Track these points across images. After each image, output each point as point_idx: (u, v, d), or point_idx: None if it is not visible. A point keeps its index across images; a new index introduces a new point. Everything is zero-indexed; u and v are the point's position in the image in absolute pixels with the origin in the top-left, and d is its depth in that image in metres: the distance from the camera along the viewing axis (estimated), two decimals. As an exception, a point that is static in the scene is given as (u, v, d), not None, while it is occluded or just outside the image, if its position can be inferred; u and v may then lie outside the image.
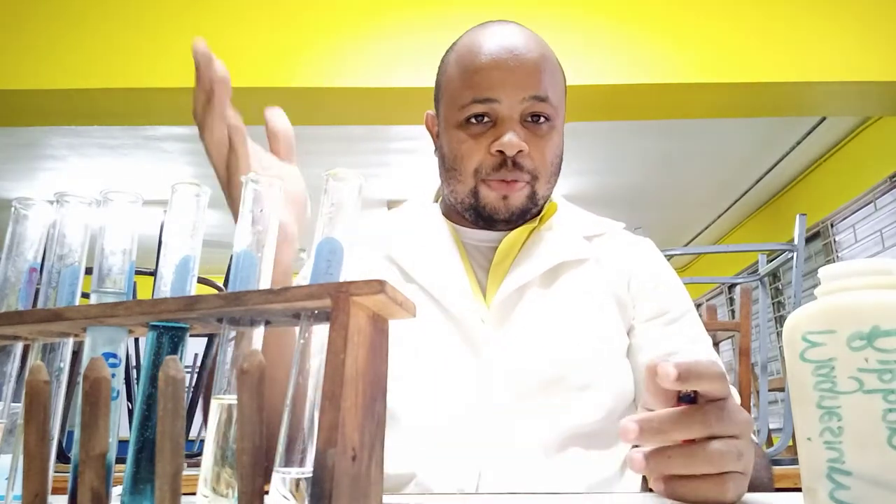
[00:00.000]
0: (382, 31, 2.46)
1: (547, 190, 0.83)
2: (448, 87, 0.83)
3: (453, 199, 0.84)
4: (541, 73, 0.79)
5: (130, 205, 0.40)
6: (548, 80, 0.80)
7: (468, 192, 0.81)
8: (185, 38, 2.56)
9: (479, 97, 0.78)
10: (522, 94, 0.78)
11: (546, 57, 0.81)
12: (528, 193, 0.81)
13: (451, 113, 0.82)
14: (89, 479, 0.32)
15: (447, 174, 0.84)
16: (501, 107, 0.78)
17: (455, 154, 0.81)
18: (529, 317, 0.78)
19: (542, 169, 0.80)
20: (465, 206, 0.83)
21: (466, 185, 0.81)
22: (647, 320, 0.81)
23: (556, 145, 0.82)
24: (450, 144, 0.82)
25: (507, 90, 0.78)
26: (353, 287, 0.32)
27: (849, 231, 3.79)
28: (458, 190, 0.83)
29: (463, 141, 0.80)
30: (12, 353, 0.42)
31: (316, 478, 0.30)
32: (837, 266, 0.40)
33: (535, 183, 0.81)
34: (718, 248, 4.91)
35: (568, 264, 0.82)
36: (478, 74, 0.79)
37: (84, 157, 4.00)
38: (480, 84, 0.78)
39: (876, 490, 0.36)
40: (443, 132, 0.84)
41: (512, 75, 0.78)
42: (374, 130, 3.55)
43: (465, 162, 0.80)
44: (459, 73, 0.81)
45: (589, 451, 0.72)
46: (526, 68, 0.78)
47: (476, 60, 0.80)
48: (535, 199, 0.82)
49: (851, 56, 2.45)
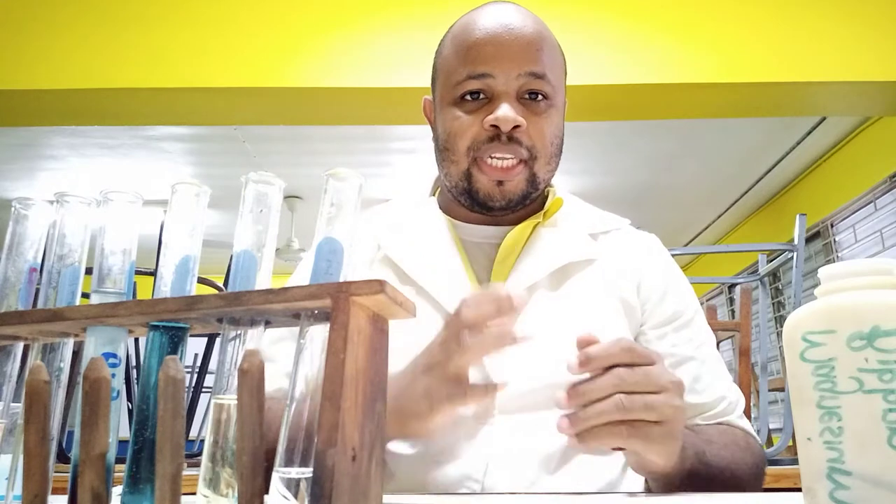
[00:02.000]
0: (382, 30, 2.46)
1: (547, 172, 0.80)
2: (443, 66, 0.81)
3: (448, 183, 0.81)
4: (538, 49, 0.77)
5: (130, 205, 0.40)
6: (546, 58, 0.77)
7: (461, 174, 0.78)
8: (186, 38, 2.56)
9: (473, 72, 0.76)
10: (518, 69, 0.75)
11: (543, 35, 0.79)
12: (526, 177, 0.77)
13: (446, 91, 0.79)
14: (89, 479, 0.32)
15: (441, 156, 0.81)
16: (496, 82, 0.75)
17: (449, 132, 0.78)
18: (536, 322, 0.74)
19: (540, 147, 0.77)
20: (459, 190, 0.80)
21: (460, 165, 0.78)
22: (658, 326, 0.80)
23: (556, 125, 0.79)
24: (444, 123, 0.79)
25: (502, 64, 0.75)
26: (353, 287, 0.32)
27: (849, 231, 3.79)
28: (451, 172, 0.79)
29: (457, 117, 0.77)
30: (12, 353, 0.42)
31: (316, 478, 0.30)
32: (837, 266, 0.40)
33: (533, 163, 0.77)
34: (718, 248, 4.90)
35: (574, 265, 0.79)
36: (472, 49, 0.77)
37: (84, 157, 4.00)
38: (475, 59, 0.76)
39: (876, 490, 0.36)
40: (438, 112, 0.82)
41: (507, 49, 0.76)
42: (373, 130, 3.54)
43: (459, 139, 0.77)
44: (454, 50, 0.79)
45: (593, 461, 0.71)
46: (522, 43, 0.76)
47: (471, 36, 0.78)
48: (535, 182, 0.78)
49: (851, 56, 2.44)
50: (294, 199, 4.51)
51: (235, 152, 3.91)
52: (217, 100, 2.49)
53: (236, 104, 2.52)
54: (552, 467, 0.70)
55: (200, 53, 2.43)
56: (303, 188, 4.35)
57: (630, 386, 0.53)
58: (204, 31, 2.45)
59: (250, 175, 0.38)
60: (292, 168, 4.07)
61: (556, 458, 0.70)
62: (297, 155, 3.96)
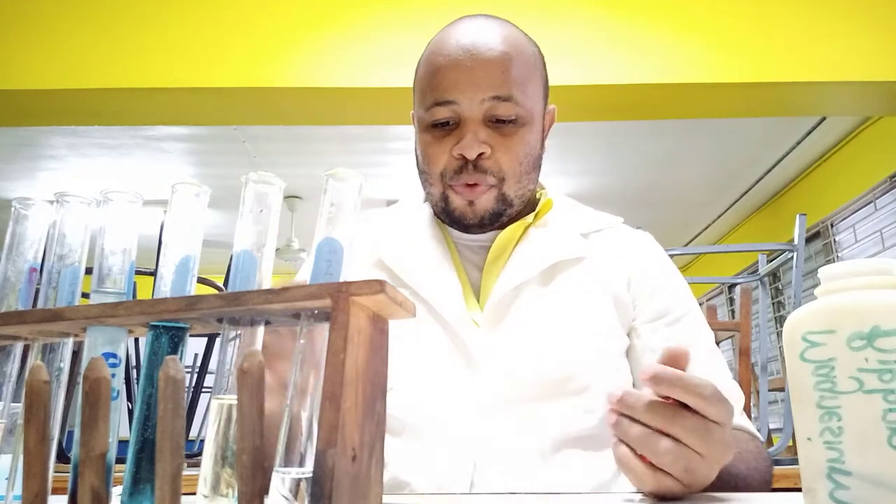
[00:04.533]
0: (382, 30, 2.46)
1: (519, 189, 0.80)
2: (418, 86, 0.82)
3: (430, 200, 0.84)
4: (502, 71, 0.76)
5: (130, 205, 0.40)
6: (512, 78, 0.76)
7: (439, 195, 0.81)
8: (186, 38, 2.56)
9: (439, 99, 0.77)
10: (482, 94, 0.75)
11: (510, 55, 0.77)
12: (495, 196, 0.79)
13: (420, 114, 0.81)
14: (89, 479, 0.32)
15: (421, 176, 0.83)
16: (461, 108, 0.76)
17: (423, 156, 0.81)
18: (525, 319, 0.76)
19: (508, 170, 0.78)
20: (438, 209, 0.82)
21: (436, 188, 0.80)
22: (649, 322, 0.80)
23: (526, 143, 0.79)
24: (420, 146, 0.81)
25: (465, 91, 0.76)
26: (353, 287, 0.32)
27: (849, 231, 3.79)
28: (431, 192, 0.82)
29: (429, 144, 0.79)
30: (12, 353, 0.42)
31: (316, 478, 0.30)
32: (837, 266, 0.40)
33: (501, 185, 0.78)
34: (718, 248, 4.90)
35: (565, 263, 0.80)
36: (437, 76, 0.77)
37: (84, 157, 4.00)
38: (439, 86, 0.77)
39: (876, 490, 0.36)
40: (416, 132, 0.83)
41: (470, 75, 0.76)
42: (373, 130, 3.54)
43: (432, 166, 0.79)
44: (424, 73, 0.80)
45: (586, 454, 0.71)
46: (486, 68, 0.76)
47: (437, 61, 0.78)
48: (506, 200, 0.79)
49: (851, 56, 2.44)
50: (294, 199, 4.51)
51: (235, 152, 3.91)
52: (217, 100, 2.48)
53: (236, 104, 2.52)
54: (546, 461, 0.70)
55: (200, 53, 2.43)
56: (303, 188, 4.35)
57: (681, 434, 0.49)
58: (204, 31, 2.45)
59: (250, 175, 0.38)
60: (292, 168, 4.08)
61: (550, 452, 0.70)
62: (297, 155, 3.96)
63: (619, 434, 0.51)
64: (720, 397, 0.50)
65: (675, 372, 0.49)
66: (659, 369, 0.49)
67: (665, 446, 0.49)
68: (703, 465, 0.50)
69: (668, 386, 0.49)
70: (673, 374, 0.49)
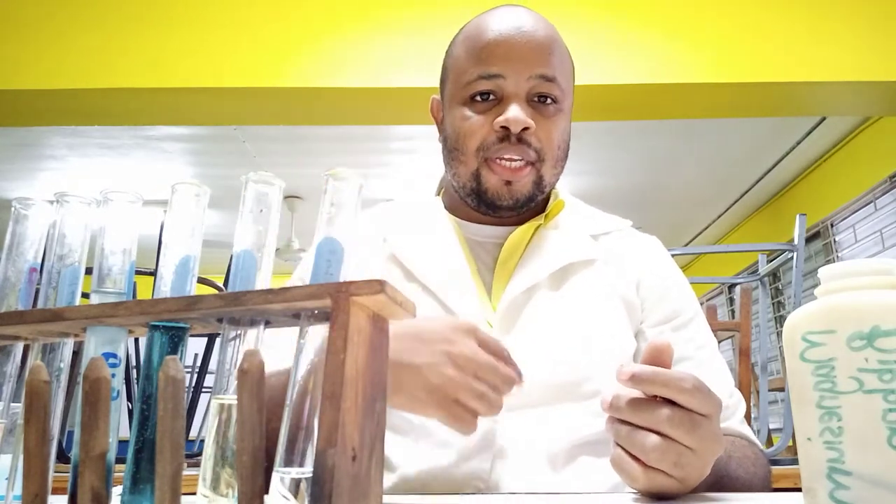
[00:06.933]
0: (382, 30, 2.46)
1: (553, 176, 0.81)
2: (454, 66, 0.81)
3: (456, 183, 0.82)
4: (549, 53, 0.77)
5: (130, 205, 0.40)
6: (556, 61, 0.78)
7: (470, 174, 0.79)
8: (185, 39, 2.56)
9: (484, 73, 0.77)
10: (529, 71, 0.76)
11: (554, 39, 0.79)
12: (533, 179, 0.78)
13: (456, 91, 0.80)
14: (89, 479, 0.32)
15: (450, 156, 0.81)
16: (507, 83, 0.76)
17: (458, 132, 0.79)
18: (538, 322, 0.75)
19: (548, 150, 0.78)
20: (467, 190, 0.80)
21: (469, 166, 0.79)
22: (656, 325, 0.80)
23: (563, 130, 0.80)
24: (453, 123, 0.80)
25: (513, 66, 0.76)
26: (353, 287, 0.32)
27: (849, 231, 3.79)
28: (460, 172, 0.80)
29: (467, 118, 0.78)
30: (12, 353, 0.42)
31: (316, 478, 0.30)
32: (837, 266, 0.40)
33: (540, 166, 0.78)
34: (718, 248, 4.90)
35: (575, 265, 0.80)
36: (484, 50, 0.77)
37: (84, 157, 4.00)
38: (487, 59, 0.77)
39: (876, 490, 0.36)
40: (447, 112, 0.82)
41: (519, 51, 0.76)
42: (374, 130, 3.54)
43: (468, 140, 0.78)
44: (466, 50, 0.80)
45: (598, 457, 0.71)
46: (533, 45, 0.77)
47: (483, 37, 0.78)
48: (541, 185, 0.79)
49: (851, 56, 2.44)
50: (294, 199, 4.51)
51: (235, 152, 3.91)
52: (217, 100, 2.48)
53: (236, 104, 2.52)
54: (557, 465, 0.70)
55: (200, 53, 2.43)
56: (303, 188, 4.35)
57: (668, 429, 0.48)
58: (204, 31, 2.45)
59: (250, 175, 0.38)
60: (292, 168, 4.07)
61: (562, 456, 0.70)
62: (297, 155, 3.96)
63: (612, 436, 0.51)
64: (703, 389, 0.50)
65: (652, 369, 0.49)
66: (637, 369, 0.49)
67: (652, 442, 0.49)
68: (694, 459, 0.49)
69: (648, 384, 0.49)
70: (651, 371, 0.49)
